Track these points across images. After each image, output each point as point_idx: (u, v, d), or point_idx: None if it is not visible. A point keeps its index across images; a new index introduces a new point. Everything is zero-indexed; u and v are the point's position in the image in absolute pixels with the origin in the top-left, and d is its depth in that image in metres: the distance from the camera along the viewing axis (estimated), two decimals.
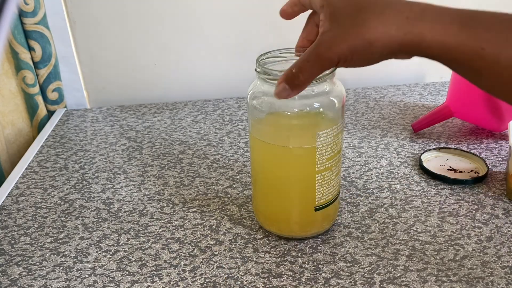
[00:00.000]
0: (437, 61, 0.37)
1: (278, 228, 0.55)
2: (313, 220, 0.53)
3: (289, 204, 0.53)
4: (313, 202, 0.52)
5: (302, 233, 0.54)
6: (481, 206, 0.60)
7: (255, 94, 0.50)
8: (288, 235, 0.54)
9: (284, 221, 0.54)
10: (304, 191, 0.52)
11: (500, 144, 0.74)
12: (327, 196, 0.52)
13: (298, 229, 0.54)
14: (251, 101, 0.50)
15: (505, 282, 0.48)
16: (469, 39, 0.34)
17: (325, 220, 0.54)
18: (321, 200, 0.52)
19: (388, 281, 0.48)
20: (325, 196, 0.52)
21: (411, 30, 0.35)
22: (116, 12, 0.90)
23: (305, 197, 0.52)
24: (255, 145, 0.52)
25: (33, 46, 0.85)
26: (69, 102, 0.94)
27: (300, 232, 0.54)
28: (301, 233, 0.54)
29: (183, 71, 0.96)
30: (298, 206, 0.53)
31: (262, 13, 0.92)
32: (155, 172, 0.70)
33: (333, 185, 0.52)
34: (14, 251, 0.55)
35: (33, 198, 0.65)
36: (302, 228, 0.54)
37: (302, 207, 0.53)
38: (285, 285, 0.48)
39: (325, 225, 0.55)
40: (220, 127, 0.83)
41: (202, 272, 0.50)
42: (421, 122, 0.78)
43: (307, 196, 0.52)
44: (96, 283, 0.49)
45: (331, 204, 0.53)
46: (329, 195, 0.52)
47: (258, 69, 0.48)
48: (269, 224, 0.55)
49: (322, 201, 0.52)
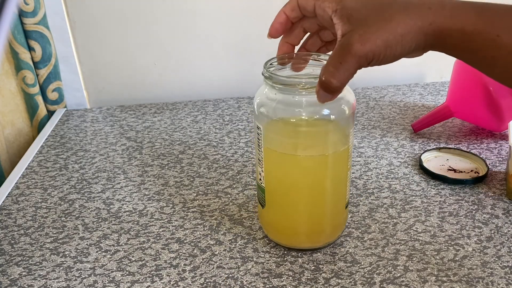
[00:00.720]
0: (452, 53, 0.38)
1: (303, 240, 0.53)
2: (342, 221, 0.54)
3: (322, 211, 0.52)
4: (344, 200, 0.52)
5: (332, 238, 0.53)
6: (481, 206, 0.60)
7: (263, 102, 0.48)
8: (312, 246, 0.53)
9: (317, 231, 0.52)
10: (336, 192, 0.51)
11: (500, 144, 0.74)
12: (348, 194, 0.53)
13: (330, 233, 0.53)
14: (259, 108, 0.48)
15: (505, 282, 0.48)
16: (486, 27, 0.35)
17: (345, 220, 0.55)
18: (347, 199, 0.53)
19: (388, 281, 0.48)
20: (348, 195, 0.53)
21: (434, 20, 0.36)
22: (116, 12, 0.90)
23: (337, 198, 0.52)
24: (272, 157, 0.50)
25: (33, 46, 0.85)
26: (69, 102, 0.94)
27: (332, 238, 0.53)
28: (332, 239, 0.53)
29: (183, 71, 0.96)
30: (331, 209, 0.52)
31: (262, 13, 0.92)
32: (155, 172, 0.70)
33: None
34: (14, 251, 0.55)
35: (33, 198, 0.65)
36: (334, 229, 0.53)
37: (334, 208, 0.52)
38: (285, 285, 0.48)
39: (343, 227, 0.55)
40: (220, 127, 0.83)
41: (202, 272, 0.50)
42: (421, 122, 0.78)
43: (340, 196, 0.51)
44: (96, 283, 0.49)
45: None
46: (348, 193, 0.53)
47: (266, 75, 0.47)
48: (293, 239, 0.53)
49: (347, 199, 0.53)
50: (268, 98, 0.48)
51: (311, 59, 0.49)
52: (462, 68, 0.74)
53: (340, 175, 0.50)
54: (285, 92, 0.46)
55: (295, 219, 0.52)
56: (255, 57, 0.96)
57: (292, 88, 0.46)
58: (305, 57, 0.49)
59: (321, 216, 0.52)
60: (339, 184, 0.51)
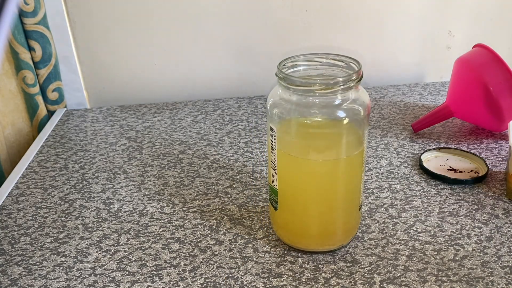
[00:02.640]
0: None
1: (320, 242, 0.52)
2: (356, 224, 0.53)
3: (336, 213, 0.51)
4: (358, 202, 0.52)
5: (346, 240, 0.53)
6: (481, 206, 0.60)
7: (276, 103, 0.48)
8: (327, 248, 0.53)
9: (330, 234, 0.52)
10: (350, 195, 0.51)
11: (500, 144, 0.74)
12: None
13: (344, 236, 0.53)
14: (273, 109, 0.48)
15: (505, 282, 0.48)
16: None
17: (358, 223, 0.54)
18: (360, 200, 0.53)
19: (388, 281, 0.48)
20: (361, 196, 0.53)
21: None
22: (116, 12, 0.90)
23: (351, 200, 0.51)
24: (286, 159, 0.49)
25: (33, 46, 0.85)
26: (69, 102, 0.94)
27: (346, 240, 0.53)
28: (346, 241, 0.53)
29: (183, 71, 0.96)
30: (345, 212, 0.51)
31: (262, 13, 0.92)
32: (155, 172, 0.70)
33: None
34: (14, 251, 0.55)
35: (33, 198, 0.65)
36: (347, 232, 0.53)
37: (347, 211, 0.52)
38: (285, 285, 0.48)
39: (356, 229, 0.55)
40: (220, 127, 0.83)
41: (202, 272, 0.50)
42: (421, 122, 0.78)
43: (353, 199, 0.51)
44: (96, 283, 0.50)
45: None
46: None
47: (280, 76, 0.46)
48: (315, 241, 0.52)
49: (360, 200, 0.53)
50: (282, 99, 0.48)
51: (323, 59, 0.48)
52: (462, 68, 0.74)
53: (355, 177, 0.50)
54: (300, 93, 0.46)
55: (308, 221, 0.51)
56: (255, 57, 0.96)
57: (307, 90, 0.45)
58: (317, 57, 0.49)
59: (335, 218, 0.51)
60: (353, 186, 0.50)
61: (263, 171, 0.69)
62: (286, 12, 0.93)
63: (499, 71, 0.69)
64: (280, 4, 0.92)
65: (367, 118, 0.48)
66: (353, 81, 0.46)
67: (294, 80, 0.45)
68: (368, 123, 0.49)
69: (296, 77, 0.46)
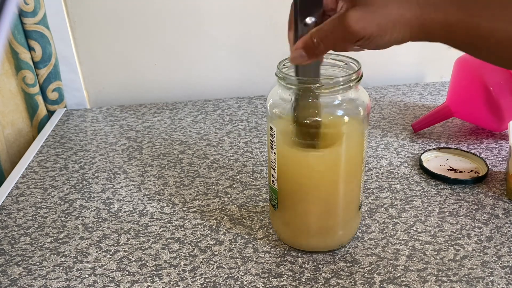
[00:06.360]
0: (439, 41, 0.39)
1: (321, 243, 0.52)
2: (355, 223, 0.53)
3: (335, 213, 0.51)
4: (358, 202, 0.52)
5: (346, 240, 0.53)
6: (481, 206, 0.60)
7: (276, 103, 0.48)
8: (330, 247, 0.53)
9: (330, 233, 0.52)
10: (350, 194, 0.51)
11: (500, 144, 0.74)
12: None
13: (343, 235, 0.52)
14: (273, 109, 0.48)
15: (505, 282, 0.48)
16: (466, 17, 0.36)
17: (358, 222, 0.54)
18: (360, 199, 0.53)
19: (388, 281, 0.48)
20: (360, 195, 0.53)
21: (421, 14, 0.37)
22: (117, 12, 0.90)
23: (351, 200, 0.51)
24: (286, 159, 0.49)
25: (33, 46, 0.85)
26: (69, 102, 0.94)
27: (345, 240, 0.53)
28: (345, 241, 0.53)
29: (183, 71, 0.96)
30: (345, 211, 0.51)
31: (262, 13, 0.92)
32: (155, 172, 0.70)
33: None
34: (14, 251, 0.55)
35: (33, 198, 0.65)
36: (347, 231, 0.53)
37: (347, 210, 0.51)
38: (285, 285, 0.48)
39: (356, 229, 0.55)
40: (220, 127, 0.83)
41: (202, 272, 0.50)
42: (421, 122, 0.78)
43: (353, 198, 0.51)
44: (96, 283, 0.50)
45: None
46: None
47: (280, 75, 0.46)
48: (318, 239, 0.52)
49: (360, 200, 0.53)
50: (281, 99, 0.48)
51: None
52: (462, 68, 0.74)
53: (355, 177, 0.50)
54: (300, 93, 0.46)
55: (308, 221, 0.51)
56: (255, 57, 0.96)
57: (307, 89, 0.45)
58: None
59: (335, 218, 0.51)
60: (353, 186, 0.50)
61: (263, 171, 0.69)
62: (286, 12, 0.93)
63: (499, 71, 0.69)
64: (279, 4, 0.92)
65: (367, 118, 0.48)
66: (353, 81, 0.46)
67: (294, 80, 0.45)
68: (368, 123, 0.49)
69: (296, 77, 0.46)
